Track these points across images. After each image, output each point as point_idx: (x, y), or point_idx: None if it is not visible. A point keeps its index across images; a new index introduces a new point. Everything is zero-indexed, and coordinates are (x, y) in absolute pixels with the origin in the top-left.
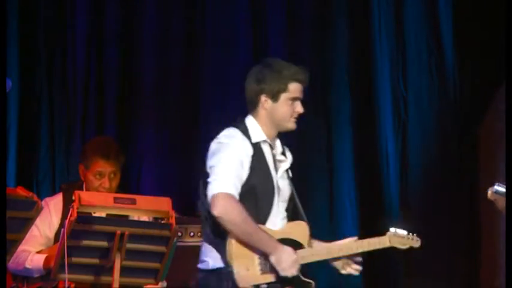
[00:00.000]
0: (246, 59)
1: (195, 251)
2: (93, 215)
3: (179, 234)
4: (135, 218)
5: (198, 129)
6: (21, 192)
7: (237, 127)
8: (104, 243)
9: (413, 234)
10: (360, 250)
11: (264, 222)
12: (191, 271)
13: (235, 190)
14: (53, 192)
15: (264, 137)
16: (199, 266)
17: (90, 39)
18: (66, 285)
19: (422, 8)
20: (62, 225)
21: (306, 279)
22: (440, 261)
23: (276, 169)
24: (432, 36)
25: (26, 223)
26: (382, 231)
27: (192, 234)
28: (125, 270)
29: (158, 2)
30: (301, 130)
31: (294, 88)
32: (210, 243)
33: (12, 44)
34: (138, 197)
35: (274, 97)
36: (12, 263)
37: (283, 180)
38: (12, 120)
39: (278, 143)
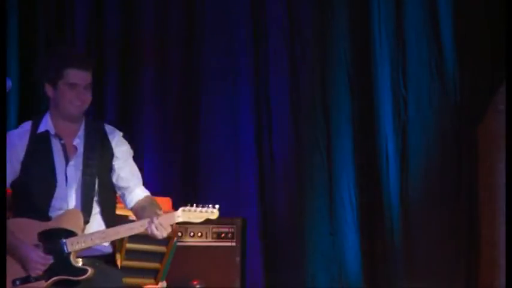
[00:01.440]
0: (246, 58)
1: (195, 251)
2: None
3: (179, 234)
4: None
5: (198, 129)
6: None
7: (33, 118)
8: None
9: (209, 207)
10: (143, 229)
11: (46, 212)
12: (191, 271)
13: None
14: None
15: (48, 127)
16: None
17: (90, 39)
18: None
19: (422, 8)
20: None
21: (80, 266)
22: (440, 261)
23: (67, 158)
24: (432, 36)
25: None
26: (381, 231)
27: (192, 234)
28: (125, 270)
29: (157, 2)
30: (301, 130)
31: (72, 73)
32: None
33: (12, 44)
34: None
35: (53, 84)
36: None
37: (76, 168)
38: (12, 120)
39: (81, 132)
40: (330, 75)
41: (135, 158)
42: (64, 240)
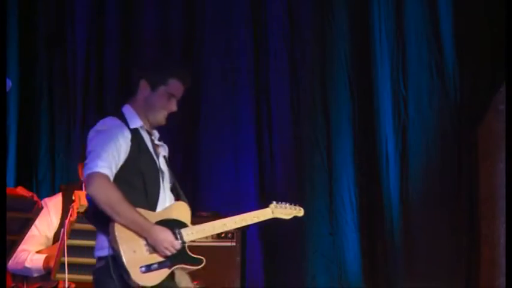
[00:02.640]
0: (246, 58)
1: (195, 251)
2: None
3: None
4: None
5: (198, 129)
6: (21, 192)
7: (114, 115)
8: None
9: (295, 205)
10: (244, 223)
11: (155, 205)
12: (191, 271)
13: (109, 171)
14: (52, 193)
15: (141, 123)
16: (99, 253)
17: (90, 39)
18: (67, 285)
19: (422, 8)
20: (61, 225)
21: (195, 256)
22: (440, 261)
23: (157, 154)
24: (432, 36)
25: (26, 223)
26: (381, 231)
27: None
28: None
29: (157, 2)
30: (301, 130)
31: (174, 84)
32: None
33: (12, 44)
34: None
35: (153, 86)
36: (12, 263)
37: (163, 164)
38: (12, 120)
39: (155, 131)
40: (330, 75)
41: None
42: (179, 231)
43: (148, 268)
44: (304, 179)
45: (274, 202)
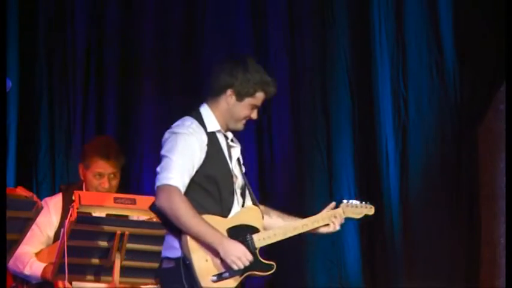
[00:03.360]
0: None
1: None
2: (93, 215)
3: None
4: (135, 218)
5: None
6: (21, 192)
7: (192, 116)
8: (104, 243)
9: (366, 203)
10: (316, 225)
11: (228, 211)
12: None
13: (180, 182)
14: (52, 193)
15: (219, 127)
16: (167, 253)
17: (90, 39)
18: (67, 285)
19: (422, 8)
20: (61, 225)
21: (267, 262)
22: (441, 261)
23: (230, 158)
24: (432, 36)
25: (26, 223)
26: (381, 231)
27: None
28: (125, 270)
29: (158, 3)
30: (301, 130)
31: (260, 97)
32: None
33: (12, 44)
34: (138, 197)
35: (240, 97)
36: (12, 264)
37: (236, 168)
38: (12, 120)
39: (229, 132)
40: (330, 75)
41: (135, 159)
42: (251, 237)
43: (220, 277)
44: (304, 179)
45: (345, 201)
